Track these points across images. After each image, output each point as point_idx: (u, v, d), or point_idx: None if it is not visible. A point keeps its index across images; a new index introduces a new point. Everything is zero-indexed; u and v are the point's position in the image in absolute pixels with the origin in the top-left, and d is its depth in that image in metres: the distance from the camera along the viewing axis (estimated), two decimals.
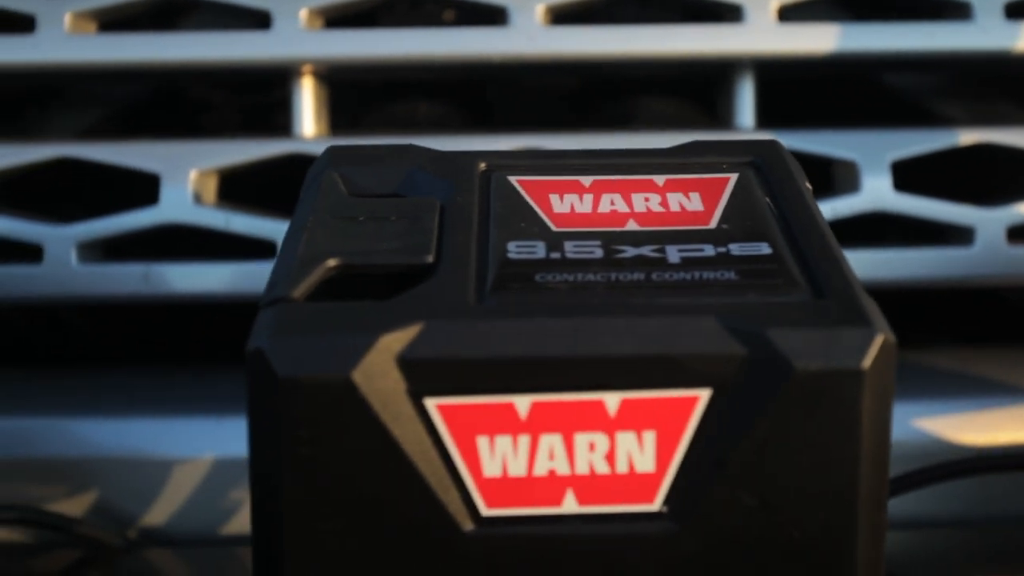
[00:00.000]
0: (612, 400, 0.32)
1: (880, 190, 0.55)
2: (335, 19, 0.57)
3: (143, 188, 0.56)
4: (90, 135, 0.62)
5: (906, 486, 0.49)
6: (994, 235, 0.55)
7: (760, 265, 0.34)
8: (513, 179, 0.39)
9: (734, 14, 0.55)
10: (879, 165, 0.55)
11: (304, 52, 0.55)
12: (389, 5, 0.60)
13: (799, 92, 0.63)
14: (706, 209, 0.37)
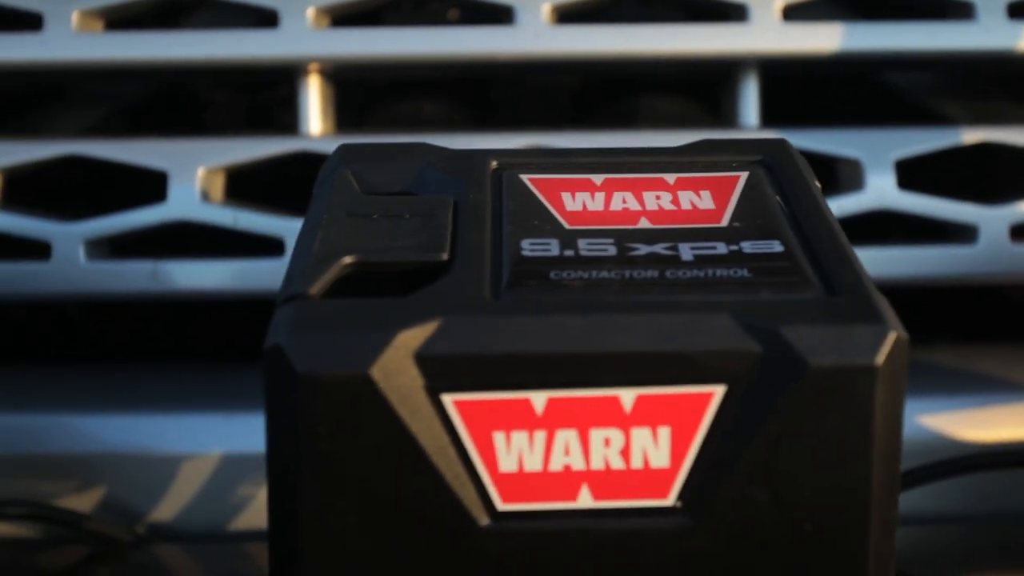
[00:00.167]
0: (627, 396, 0.32)
1: (884, 188, 0.55)
2: (341, 18, 0.57)
3: (148, 186, 0.56)
4: (97, 133, 0.62)
5: (909, 482, 0.49)
6: (997, 233, 0.55)
7: (772, 263, 0.35)
8: (525, 177, 0.39)
9: (739, 13, 0.56)
10: (883, 163, 0.56)
11: (312, 51, 0.55)
12: (395, 4, 0.60)
13: (798, 90, 0.63)
14: (717, 207, 0.38)
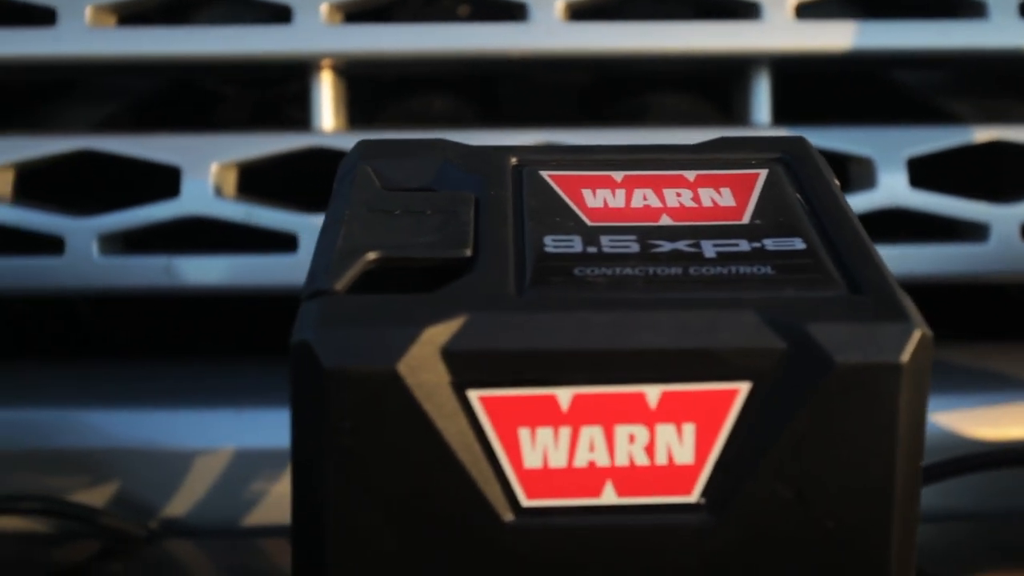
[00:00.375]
0: (653, 393, 0.32)
1: (896, 187, 0.56)
2: (353, 14, 0.57)
3: (159, 181, 0.56)
4: (110, 127, 0.62)
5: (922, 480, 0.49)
6: (1009, 231, 0.56)
7: (795, 260, 0.35)
8: (545, 174, 0.40)
9: (752, 11, 0.56)
10: (895, 162, 0.56)
11: (326, 46, 0.55)
12: (404, 0, 0.60)
13: (804, 87, 0.64)
14: (738, 204, 0.38)
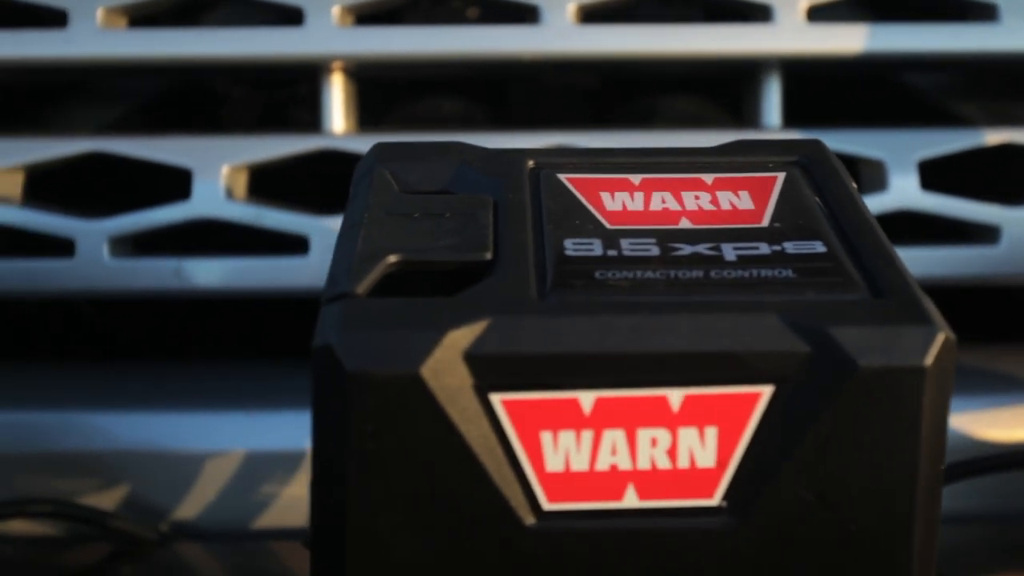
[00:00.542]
0: (675, 396, 0.32)
1: (907, 189, 0.56)
2: (364, 16, 0.57)
3: (167, 183, 0.56)
4: (119, 129, 0.62)
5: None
6: (1020, 234, 0.55)
7: (816, 263, 0.35)
8: (562, 177, 0.39)
9: (763, 14, 0.56)
10: (906, 164, 0.56)
11: (338, 49, 0.55)
12: (416, 2, 0.60)
13: (812, 89, 0.63)
14: (756, 208, 0.38)
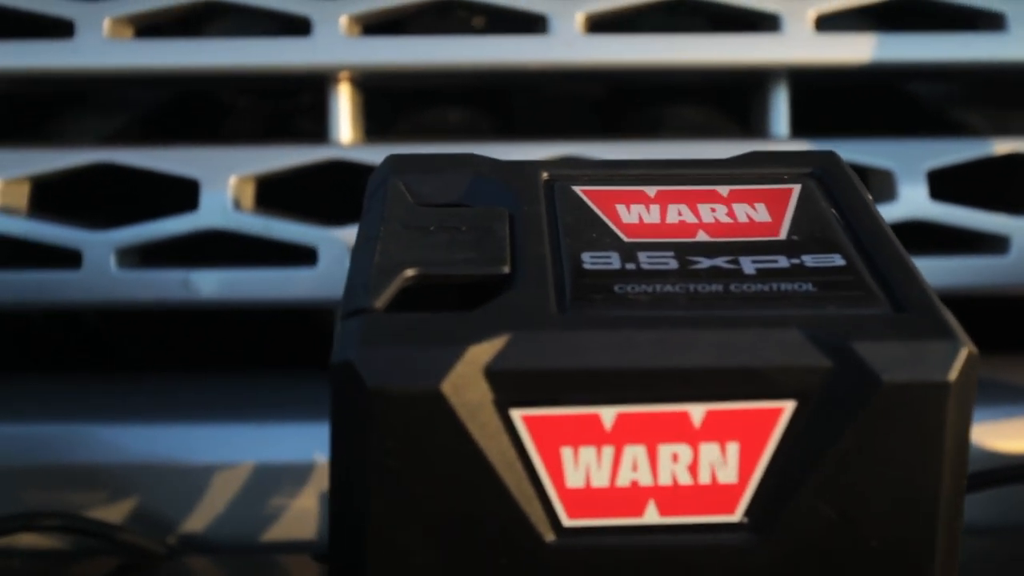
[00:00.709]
0: (697, 411, 0.32)
1: (917, 199, 0.55)
2: (371, 26, 0.57)
3: (174, 194, 0.55)
4: (125, 140, 0.62)
5: None
6: None
7: (835, 277, 0.34)
8: (578, 189, 0.39)
9: (772, 23, 0.56)
10: (915, 174, 0.56)
11: (345, 59, 0.55)
12: (421, 12, 0.60)
13: (817, 98, 0.63)
14: (773, 220, 0.38)
